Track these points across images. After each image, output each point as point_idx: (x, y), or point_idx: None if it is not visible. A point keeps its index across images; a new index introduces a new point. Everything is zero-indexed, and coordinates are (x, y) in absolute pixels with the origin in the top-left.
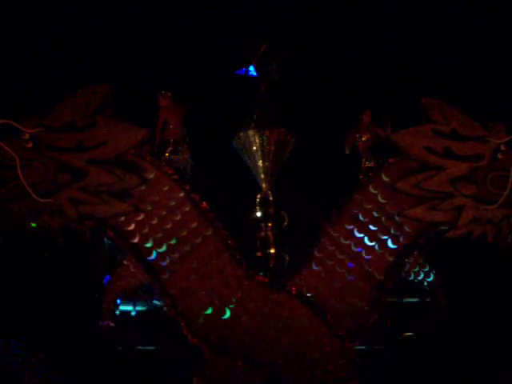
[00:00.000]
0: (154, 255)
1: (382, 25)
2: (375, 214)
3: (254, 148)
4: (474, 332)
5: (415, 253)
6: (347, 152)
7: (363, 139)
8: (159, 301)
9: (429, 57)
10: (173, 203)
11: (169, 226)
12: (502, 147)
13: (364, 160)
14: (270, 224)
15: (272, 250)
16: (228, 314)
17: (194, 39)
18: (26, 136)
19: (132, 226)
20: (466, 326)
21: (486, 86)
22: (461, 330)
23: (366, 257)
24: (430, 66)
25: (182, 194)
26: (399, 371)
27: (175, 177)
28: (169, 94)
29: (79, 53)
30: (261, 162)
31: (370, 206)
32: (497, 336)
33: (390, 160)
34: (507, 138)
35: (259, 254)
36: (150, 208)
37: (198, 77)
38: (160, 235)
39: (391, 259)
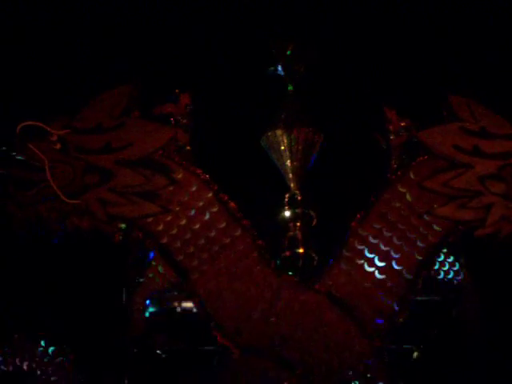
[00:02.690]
0: (182, 255)
1: (410, 21)
2: (403, 212)
3: (282, 147)
4: (504, 332)
5: (444, 251)
6: (384, 147)
7: (392, 137)
8: (189, 302)
9: (456, 53)
10: (201, 203)
11: (197, 227)
12: None
13: (394, 158)
14: (298, 223)
15: (301, 250)
16: (257, 314)
17: (222, 38)
18: (55, 138)
19: (160, 227)
20: (495, 325)
21: None
22: (490, 329)
23: (394, 255)
24: (457, 63)
25: (210, 195)
26: (429, 371)
27: (203, 177)
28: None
29: (106, 53)
30: (289, 161)
31: (398, 205)
32: None
33: (419, 158)
34: None
35: (288, 253)
36: (178, 208)
37: (225, 77)
38: (188, 236)
39: (420, 258)
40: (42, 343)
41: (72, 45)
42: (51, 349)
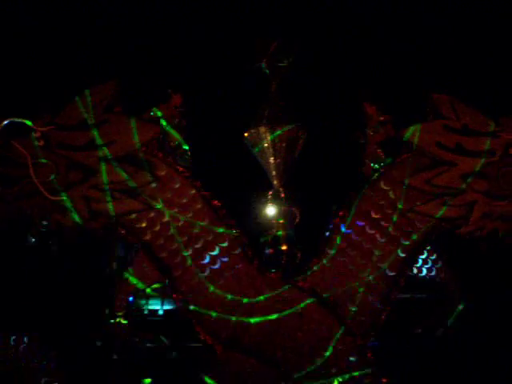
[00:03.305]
0: (165, 252)
1: (393, 19)
2: (387, 210)
3: (266, 145)
4: (486, 328)
5: (427, 249)
6: (363, 142)
7: (371, 133)
8: (171, 298)
9: (439, 52)
10: (184, 200)
11: (180, 224)
12: None
13: (371, 154)
14: (281, 221)
15: (284, 247)
16: (240, 310)
17: (205, 36)
18: (38, 134)
19: (144, 224)
20: (477, 321)
21: (496, 81)
22: (472, 325)
23: (377, 253)
24: (440, 61)
25: (193, 192)
26: (411, 367)
27: (186, 174)
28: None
29: (89, 51)
30: (272, 158)
31: (381, 203)
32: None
33: (402, 156)
34: None
35: (271, 250)
36: (161, 205)
37: (208, 74)
38: (171, 232)
39: (403, 255)
40: (25, 339)
41: (56, 42)
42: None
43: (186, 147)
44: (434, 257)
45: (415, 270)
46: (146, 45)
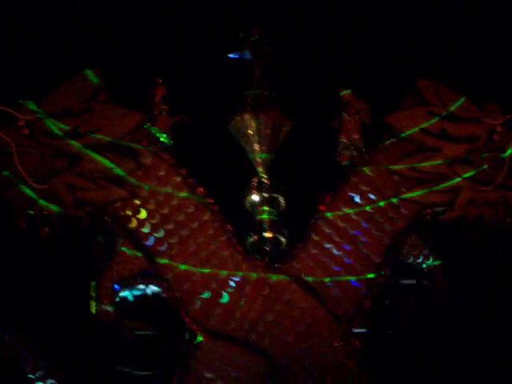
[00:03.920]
0: (151, 240)
1: (377, 4)
2: (372, 196)
3: (250, 132)
4: (473, 314)
5: (414, 235)
6: (337, 126)
7: (347, 119)
8: (157, 286)
9: (422, 37)
10: (169, 188)
11: (166, 211)
12: (498, 128)
13: (343, 142)
14: (266, 208)
15: (269, 234)
16: (226, 298)
17: (188, 22)
18: (22, 123)
19: (129, 212)
20: (464, 308)
21: (480, 66)
22: (459, 312)
23: (363, 239)
24: (423, 46)
25: (178, 179)
26: (397, 353)
27: (171, 162)
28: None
29: (73, 37)
30: (257, 145)
31: (366, 189)
32: (494, 318)
33: (386, 142)
34: (503, 119)
35: (256, 237)
36: (146, 193)
37: (192, 60)
38: (157, 220)
39: (388, 241)
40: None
41: (39, 29)
42: (17, 337)
43: (169, 136)
44: (419, 243)
45: (401, 257)
46: (129, 32)
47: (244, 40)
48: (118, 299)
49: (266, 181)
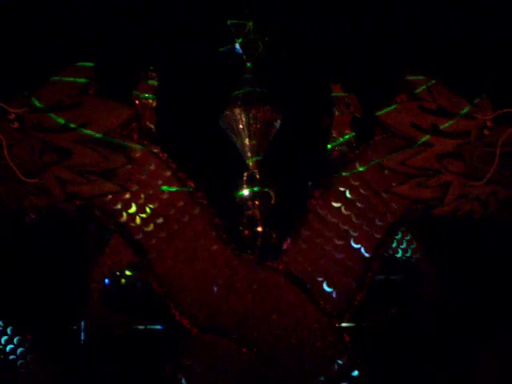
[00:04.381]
0: (141, 234)
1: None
2: (362, 191)
3: (241, 126)
4: (462, 309)
5: (403, 230)
6: (327, 122)
7: (336, 114)
8: (147, 280)
9: (413, 31)
10: (159, 182)
11: (156, 205)
12: (488, 123)
13: (333, 137)
14: (257, 202)
15: (259, 229)
16: (215, 293)
17: (179, 16)
18: (12, 116)
19: (119, 205)
20: (453, 302)
21: (471, 61)
22: (448, 306)
23: (353, 234)
24: (414, 41)
25: (168, 173)
26: (387, 348)
27: (162, 155)
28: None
29: (64, 31)
30: (247, 140)
31: (356, 184)
32: (485, 312)
33: (377, 137)
34: (493, 115)
35: (246, 232)
36: (136, 187)
37: (183, 54)
38: (147, 214)
39: (378, 236)
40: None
41: (30, 22)
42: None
43: (159, 130)
44: (408, 237)
45: (390, 251)
46: (120, 26)
47: (235, 33)
48: (107, 293)
49: (256, 175)
